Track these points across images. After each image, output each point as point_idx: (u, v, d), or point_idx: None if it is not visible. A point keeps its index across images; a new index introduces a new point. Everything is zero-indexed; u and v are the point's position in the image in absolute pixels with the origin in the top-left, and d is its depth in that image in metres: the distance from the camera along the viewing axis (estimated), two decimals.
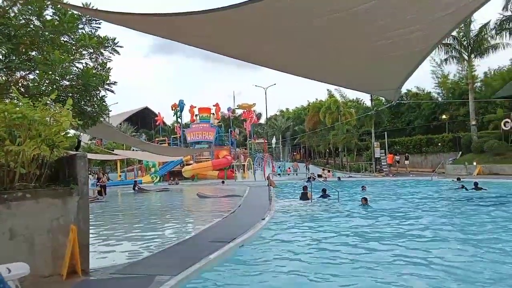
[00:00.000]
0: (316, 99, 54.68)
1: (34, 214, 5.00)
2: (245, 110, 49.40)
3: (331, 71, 7.46)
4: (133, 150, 36.67)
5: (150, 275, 5.44)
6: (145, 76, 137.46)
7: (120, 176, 42.74)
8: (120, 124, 57.68)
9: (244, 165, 39.23)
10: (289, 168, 42.18)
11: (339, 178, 29.77)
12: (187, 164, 41.19)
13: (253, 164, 38.15)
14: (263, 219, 10.59)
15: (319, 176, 28.86)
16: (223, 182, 31.92)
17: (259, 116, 65.38)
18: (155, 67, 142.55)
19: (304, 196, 16.16)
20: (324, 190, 16.85)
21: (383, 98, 38.71)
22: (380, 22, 4.66)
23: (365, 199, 13.84)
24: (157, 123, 54.58)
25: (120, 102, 70.54)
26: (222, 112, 50.32)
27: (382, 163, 35.08)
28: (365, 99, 46.41)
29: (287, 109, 72.97)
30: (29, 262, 4.04)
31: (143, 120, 69.71)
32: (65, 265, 5.33)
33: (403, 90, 41.93)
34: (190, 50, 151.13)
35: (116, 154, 37.89)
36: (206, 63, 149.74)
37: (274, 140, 54.63)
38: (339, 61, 6.56)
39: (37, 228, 5.08)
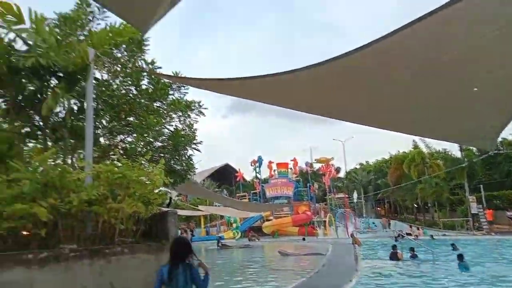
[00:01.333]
0: (398, 150, 52.24)
1: (131, 268, 5.24)
2: (323, 164, 48.79)
3: (418, 123, 7.15)
4: (216, 205, 37.71)
5: None
6: (224, 135, 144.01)
7: (204, 230, 44.04)
8: (204, 180, 60.11)
9: (325, 221, 37.99)
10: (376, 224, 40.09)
11: (432, 236, 27.27)
12: (267, 220, 41.05)
13: (334, 220, 36.77)
14: (351, 280, 9.95)
15: (408, 234, 26.74)
16: (304, 238, 31.02)
17: (338, 170, 63.93)
18: (233, 126, 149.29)
19: (394, 256, 15.03)
20: (412, 249, 15.57)
21: (473, 148, 35.73)
22: (472, 69, 4.44)
23: (461, 256, 12.38)
24: (237, 179, 55.95)
25: (202, 160, 74.31)
26: (300, 167, 50.19)
27: (481, 220, 31.56)
28: (453, 149, 43.21)
29: (367, 162, 70.58)
30: None
31: (224, 177, 71.98)
32: None
33: (498, 138, 38.39)
34: (265, 109, 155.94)
35: (200, 210, 39.21)
36: (281, 119, 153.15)
37: (355, 195, 52.53)
38: (427, 113, 6.28)
39: (134, 283, 5.29)
